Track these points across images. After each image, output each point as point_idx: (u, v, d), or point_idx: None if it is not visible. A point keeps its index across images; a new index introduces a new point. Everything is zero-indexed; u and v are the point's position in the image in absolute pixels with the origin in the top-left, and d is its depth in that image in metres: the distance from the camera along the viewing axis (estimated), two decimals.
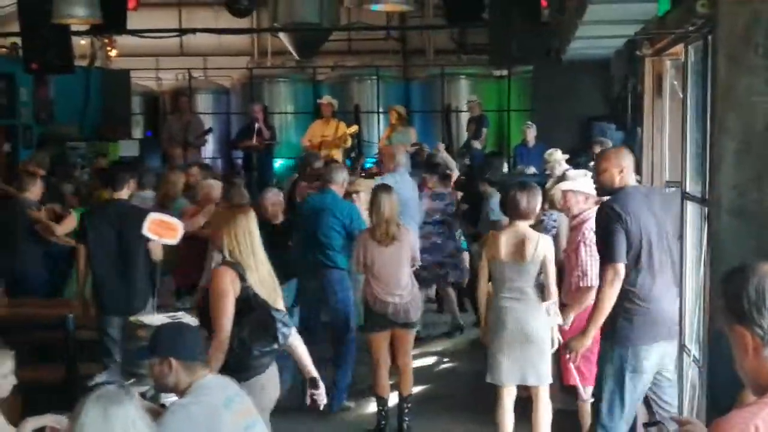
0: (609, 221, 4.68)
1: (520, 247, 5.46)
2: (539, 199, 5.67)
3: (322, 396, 4.67)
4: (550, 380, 5.59)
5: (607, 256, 4.70)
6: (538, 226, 6.48)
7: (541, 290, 5.51)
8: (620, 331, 4.74)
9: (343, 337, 6.98)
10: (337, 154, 12.11)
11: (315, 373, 4.69)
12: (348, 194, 7.56)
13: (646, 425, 2.57)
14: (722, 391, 3.53)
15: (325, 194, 7.17)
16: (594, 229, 5.55)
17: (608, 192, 4.90)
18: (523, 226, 5.53)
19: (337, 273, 6.89)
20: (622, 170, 4.79)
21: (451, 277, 9.01)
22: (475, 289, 6.20)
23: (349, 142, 12.71)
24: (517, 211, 5.53)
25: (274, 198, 6.96)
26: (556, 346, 5.53)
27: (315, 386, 4.65)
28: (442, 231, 8.90)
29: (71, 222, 7.55)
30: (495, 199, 8.00)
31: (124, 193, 6.59)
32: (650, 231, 4.69)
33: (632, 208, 4.68)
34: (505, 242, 5.50)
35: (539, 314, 5.48)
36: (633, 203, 4.71)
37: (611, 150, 5.30)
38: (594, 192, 5.78)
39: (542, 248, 5.45)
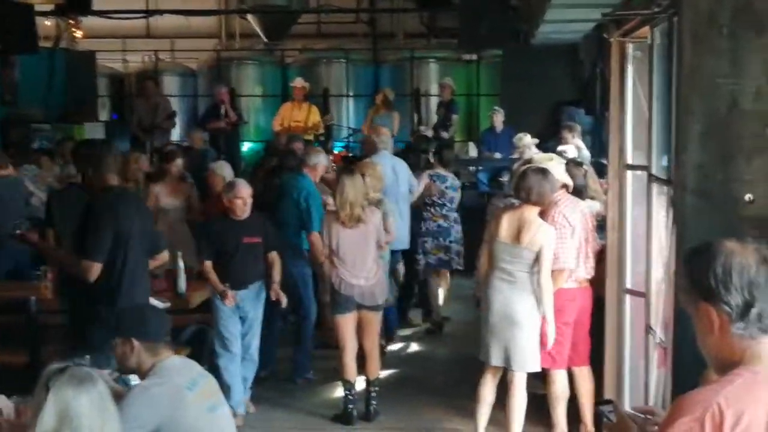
0: (99, 219, 4.96)
1: (518, 230, 5.37)
2: (555, 186, 5.52)
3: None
4: (534, 368, 5.55)
5: (90, 253, 4.91)
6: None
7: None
8: (89, 336, 4.93)
9: (298, 311, 7.24)
10: (308, 137, 12.02)
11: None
12: (325, 180, 7.65)
13: (597, 403, 2.58)
14: (688, 372, 3.54)
15: (296, 176, 7.37)
16: (563, 211, 5.58)
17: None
18: (530, 210, 5.41)
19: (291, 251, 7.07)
20: (104, 172, 5.07)
21: (455, 265, 8.72)
22: None
23: (321, 130, 12.62)
24: (529, 197, 5.40)
25: (247, 191, 6.36)
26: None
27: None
28: (445, 213, 8.61)
29: None
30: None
31: None
32: (131, 230, 5.04)
33: (121, 209, 5.03)
34: (506, 222, 5.43)
35: (527, 300, 5.42)
36: (120, 203, 5.07)
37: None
38: (562, 175, 5.80)
39: (541, 237, 5.33)
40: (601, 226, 5.94)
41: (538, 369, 5.55)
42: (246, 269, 6.31)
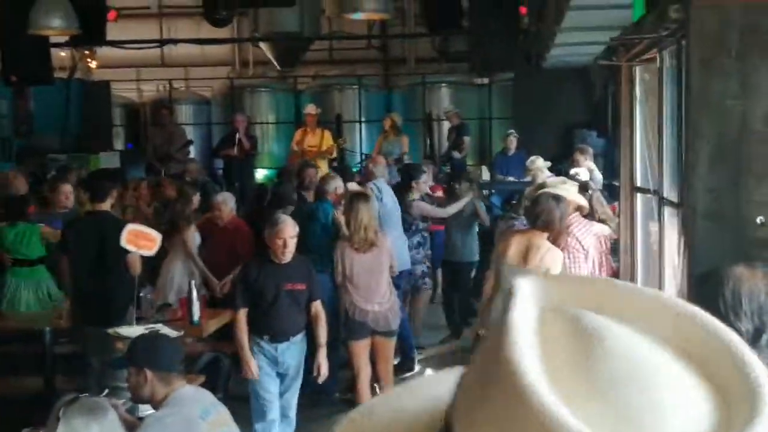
0: None
1: (525, 253, 5.34)
2: (566, 213, 5.48)
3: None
4: None
5: None
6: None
7: None
8: None
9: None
10: (322, 164, 12.09)
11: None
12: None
13: None
14: None
15: (322, 203, 7.48)
16: (576, 235, 5.58)
17: None
18: (538, 235, 5.37)
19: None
20: None
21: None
22: None
23: (335, 154, 12.72)
24: (538, 222, 5.37)
25: (290, 231, 5.56)
26: None
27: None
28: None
29: None
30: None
31: (106, 204, 6.54)
32: None
33: None
34: (514, 245, 5.41)
35: None
36: None
37: None
38: (575, 197, 5.80)
39: (548, 260, 5.27)
40: (615, 248, 5.94)
41: None
42: (287, 319, 5.63)
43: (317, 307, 5.72)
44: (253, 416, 5.65)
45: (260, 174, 14.06)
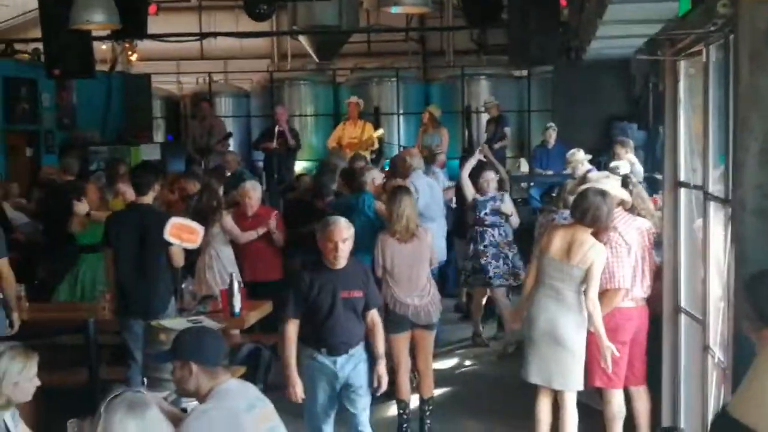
0: None
1: (569, 248, 5.33)
2: (612, 208, 5.44)
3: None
4: (579, 387, 5.51)
5: None
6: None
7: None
8: None
9: None
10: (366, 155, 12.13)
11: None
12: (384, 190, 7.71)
13: (664, 430, 2.56)
14: None
15: (361, 194, 7.49)
16: (619, 229, 5.54)
17: None
18: (583, 230, 5.36)
19: None
20: None
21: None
22: None
23: (376, 145, 12.76)
24: (584, 217, 5.35)
25: (341, 234, 5.13)
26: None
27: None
28: None
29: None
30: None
31: (148, 197, 6.61)
32: None
33: None
34: (558, 239, 5.40)
35: (573, 319, 5.36)
36: None
37: None
38: (618, 191, 5.76)
39: (592, 255, 5.26)
40: (658, 243, 5.88)
41: (581, 388, 5.51)
42: (345, 330, 5.18)
43: (373, 315, 5.32)
44: None
45: (299, 166, 14.11)
